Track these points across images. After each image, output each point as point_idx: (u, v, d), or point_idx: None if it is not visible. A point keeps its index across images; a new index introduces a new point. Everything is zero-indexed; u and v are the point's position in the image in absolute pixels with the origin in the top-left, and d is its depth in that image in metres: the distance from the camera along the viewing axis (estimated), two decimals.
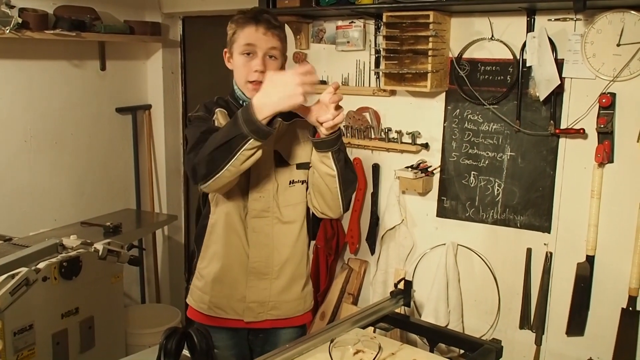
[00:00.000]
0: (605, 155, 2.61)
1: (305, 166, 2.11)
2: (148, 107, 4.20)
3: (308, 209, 2.17)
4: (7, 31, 3.07)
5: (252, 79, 1.98)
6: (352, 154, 3.34)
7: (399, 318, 2.36)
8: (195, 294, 2.20)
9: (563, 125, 2.75)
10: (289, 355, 1.94)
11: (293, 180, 2.09)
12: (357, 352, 2.02)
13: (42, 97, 3.51)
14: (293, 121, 2.08)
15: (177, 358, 1.86)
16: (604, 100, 2.57)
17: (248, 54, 1.98)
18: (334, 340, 2.06)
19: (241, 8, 2.09)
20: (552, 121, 2.75)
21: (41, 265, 2.62)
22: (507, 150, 2.92)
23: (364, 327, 2.25)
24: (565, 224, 2.84)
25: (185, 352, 1.89)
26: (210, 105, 2.04)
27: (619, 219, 2.69)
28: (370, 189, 3.37)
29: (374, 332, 2.32)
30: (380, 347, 2.00)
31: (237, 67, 2.02)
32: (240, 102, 2.05)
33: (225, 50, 2.07)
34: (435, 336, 2.28)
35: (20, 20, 3.14)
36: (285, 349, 1.96)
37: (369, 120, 3.23)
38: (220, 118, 1.99)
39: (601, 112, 2.61)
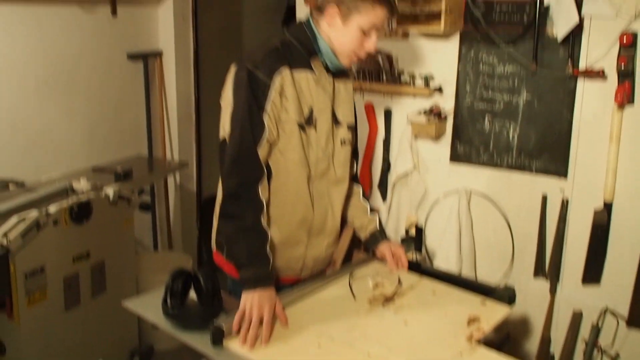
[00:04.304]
0: (626, 97, 2.52)
1: (352, 128, 2.15)
2: (159, 53, 4.14)
3: None
4: None
5: (361, 56, 2.00)
6: (364, 98, 3.27)
7: (410, 264, 2.35)
8: None
9: (582, 66, 2.66)
10: (310, 290, 1.99)
11: (344, 140, 2.11)
12: (376, 285, 2.03)
13: (53, 43, 3.46)
14: (340, 78, 2.10)
15: (184, 299, 1.87)
16: (624, 39, 2.47)
17: (368, 32, 1.96)
18: (353, 274, 2.06)
19: None
20: (570, 62, 2.66)
21: (52, 209, 2.63)
22: (523, 93, 2.84)
23: None
24: (583, 169, 2.77)
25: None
26: (275, 62, 1.91)
27: (639, 163, 2.61)
28: (381, 135, 3.31)
29: None
30: (399, 280, 2.00)
31: (347, 36, 1.95)
32: (319, 57, 2.00)
33: (334, 6, 1.94)
34: (446, 282, 2.26)
35: None
36: (305, 285, 2.00)
37: (381, 64, 3.15)
38: (276, 93, 1.89)
39: (622, 51, 2.51)
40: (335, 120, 2.07)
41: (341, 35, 1.96)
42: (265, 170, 1.94)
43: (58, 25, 3.47)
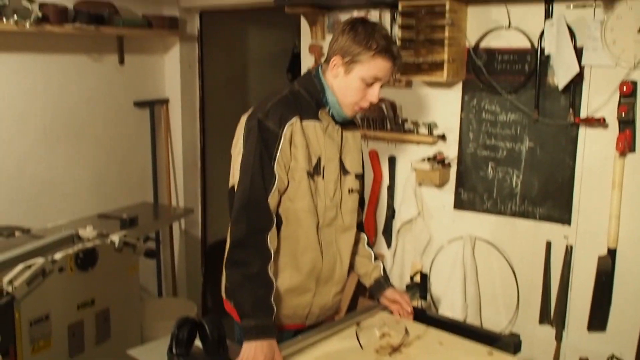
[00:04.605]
0: (627, 145, 2.55)
1: (360, 177, 2.16)
2: (166, 101, 4.21)
3: None
4: (28, 25, 3.09)
5: (364, 106, 2.01)
6: (368, 145, 3.31)
7: (415, 311, 2.34)
8: None
9: (583, 115, 2.70)
10: (317, 339, 1.96)
11: (351, 189, 2.11)
12: (383, 335, 2.02)
13: (61, 91, 3.53)
14: (348, 128, 2.12)
15: (189, 347, 1.86)
16: (624, 88, 2.52)
17: (370, 83, 1.96)
18: (359, 323, 2.05)
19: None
20: (571, 110, 2.70)
21: (57, 256, 2.64)
22: (526, 141, 2.87)
23: None
24: (586, 216, 2.78)
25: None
26: (285, 112, 1.94)
27: None
28: (386, 182, 3.34)
29: None
30: (406, 330, 1.99)
31: (349, 86, 1.97)
32: (326, 108, 2.02)
33: (338, 57, 1.96)
34: (451, 329, 2.25)
35: (40, 14, 3.16)
36: (312, 334, 1.98)
37: (385, 112, 3.19)
38: (286, 142, 1.92)
39: (622, 100, 2.56)
40: (343, 169, 2.08)
41: (344, 86, 1.98)
42: (275, 219, 1.94)
43: (66, 74, 3.54)
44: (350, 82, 1.96)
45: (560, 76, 2.67)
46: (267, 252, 1.90)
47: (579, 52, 2.63)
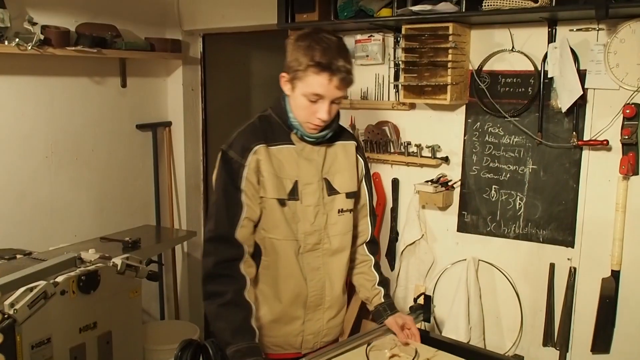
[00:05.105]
0: (630, 167, 2.56)
1: (353, 195, 2.08)
2: (168, 124, 4.22)
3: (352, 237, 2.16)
4: (29, 47, 3.11)
5: (315, 123, 1.90)
6: (372, 168, 3.31)
7: (419, 332, 2.33)
8: None
9: (586, 137, 2.71)
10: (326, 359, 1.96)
11: (342, 209, 2.05)
12: (393, 356, 2.02)
13: (63, 114, 3.54)
14: (337, 144, 2.06)
15: None
16: (627, 111, 2.53)
17: (313, 100, 1.86)
18: (370, 344, 2.04)
19: (302, 31, 1.89)
20: (574, 133, 2.71)
21: (60, 278, 2.62)
22: (529, 163, 2.88)
23: None
24: (590, 238, 2.78)
25: None
26: (248, 141, 1.91)
27: None
28: (389, 204, 3.34)
29: None
30: (416, 352, 1.98)
31: (296, 104, 1.89)
32: (294, 130, 1.95)
33: (284, 73, 1.91)
34: (455, 352, 2.24)
35: (42, 37, 3.18)
36: (321, 355, 1.98)
37: (388, 134, 3.21)
38: (250, 171, 1.89)
39: (625, 123, 2.57)
40: (330, 190, 2.01)
41: (293, 104, 1.91)
42: (245, 249, 1.91)
43: (68, 97, 3.56)
44: (296, 100, 1.89)
45: (564, 99, 2.68)
46: (240, 278, 1.88)
47: (582, 75, 2.65)
